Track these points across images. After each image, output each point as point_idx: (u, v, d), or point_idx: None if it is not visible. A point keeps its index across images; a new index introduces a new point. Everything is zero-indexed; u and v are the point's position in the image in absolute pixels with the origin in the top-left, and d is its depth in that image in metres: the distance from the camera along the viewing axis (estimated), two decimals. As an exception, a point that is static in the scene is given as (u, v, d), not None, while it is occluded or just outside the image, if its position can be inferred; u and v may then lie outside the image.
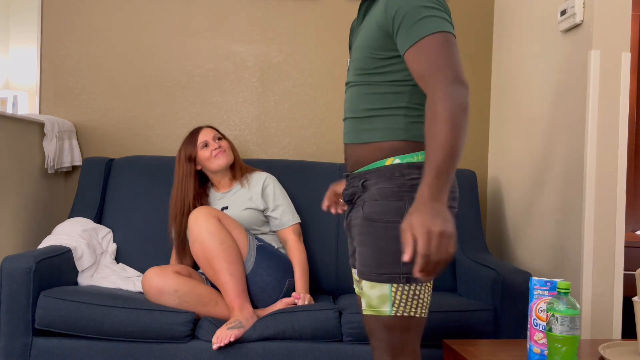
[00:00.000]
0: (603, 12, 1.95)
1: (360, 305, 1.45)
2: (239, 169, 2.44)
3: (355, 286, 1.60)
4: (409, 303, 1.36)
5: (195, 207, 2.29)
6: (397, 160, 1.37)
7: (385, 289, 1.35)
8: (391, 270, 1.35)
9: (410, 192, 1.33)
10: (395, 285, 1.35)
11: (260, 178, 2.41)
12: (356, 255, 1.44)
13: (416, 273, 1.17)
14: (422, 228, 1.15)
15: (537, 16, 2.41)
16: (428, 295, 1.40)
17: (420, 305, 1.38)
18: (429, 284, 1.39)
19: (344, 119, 1.50)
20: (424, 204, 1.18)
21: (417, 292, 1.36)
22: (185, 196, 2.34)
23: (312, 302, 2.17)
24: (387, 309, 1.36)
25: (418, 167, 1.35)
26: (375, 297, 1.37)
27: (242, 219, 2.29)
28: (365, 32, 1.42)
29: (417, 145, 1.38)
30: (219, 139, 2.41)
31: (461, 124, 1.22)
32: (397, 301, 1.35)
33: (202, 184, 2.44)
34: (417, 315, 1.38)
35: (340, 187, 1.67)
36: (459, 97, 1.24)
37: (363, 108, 1.42)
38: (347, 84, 1.50)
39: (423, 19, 1.27)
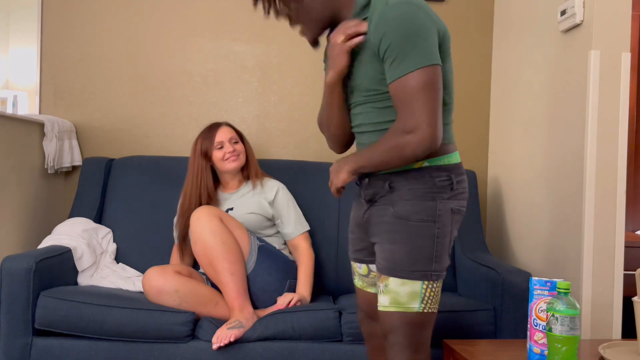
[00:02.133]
0: (603, 12, 1.95)
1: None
2: (252, 172, 2.42)
3: (358, 280, 1.65)
4: (433, 300, 1.45)
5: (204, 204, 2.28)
6: (426, 164, 1.44)
7: (417, 286, 1.42)
8: (425, 267, 1.42)
9: (440, 193, 1.44)
10: (426, 282, 1.42)
11: (272, 187, 2.40)
12: (379, 251, 1.47)
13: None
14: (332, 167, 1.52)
15: (537, 16, 2.41)
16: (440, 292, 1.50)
17: (439, 301, 1.47)
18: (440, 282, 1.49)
19: (361, 132, 1.54)
20: (343, 159, 1.49)
21: (439, 290, 1.46)
22: (202, 192, 2.32)
23: (306, 303, 2.15)
24: (416, 306, 1.42)
25: (445, 169, 1.45)
26: (405, 293, 1.42)
27: (246, 222, 2.28)
28: (364, 63, 1.45)
29: (443, 148, 1.45)
30: (235, 142, 2.40)
31: (397, 160, 1.40)
32: (426, 298, 1.43)
33: (214, 181, 2.41)
34: (435, 312, 1.47)
35: None
36: (412, 146, 1.37)
37: (383, 120, 1.46)
38: (351, 103, 1.54)
39: (407, 53, 1.35)
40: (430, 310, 1.44)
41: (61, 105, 2.84)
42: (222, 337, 1.94)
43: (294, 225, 2.35)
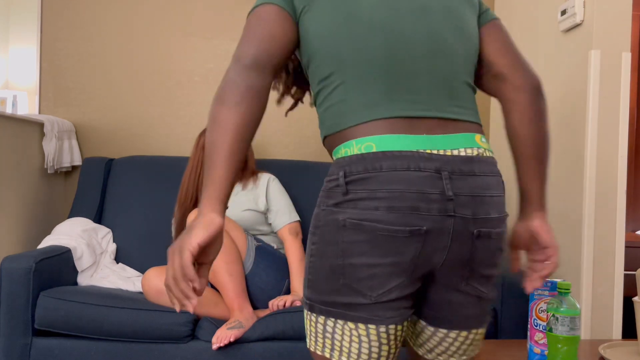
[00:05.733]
0: (603, 12, 1.95)
1: None
2: (249, 172, 2.42)
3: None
4: (317, 338, 1.10)
5: (196, 202, 2.29)
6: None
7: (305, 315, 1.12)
8: (304, 293, 1.11)
9: (325, 198, 1.07)
10: (305, 312, 1.10)
11: (264, 180, 2.41)
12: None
13: None
14: None
15: (537, 16, 2.41)
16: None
17: (335, 345, 1.07)
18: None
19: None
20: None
21: (324, 327, 1.07)
22: (199, 186, 2.33)
23: (298, 303, 2.14)
24: (307, 340, 1.12)
25: (338, 164, 1.05)
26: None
27: (242, 219, 2.29)
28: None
29: (342, 134, 1.08)
30: None
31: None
32: (308, 333, 1.12)
33: None
34: (327, 357, 1.09)
35: (533, 226, 1.16)
36: None
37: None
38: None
39: None
40: (318, 352, 1.07)
41: (61, 105, 2.84)
42: (222, 337, 1.94)
43: (280, 216, 2.35)
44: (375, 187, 0.98)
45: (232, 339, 1.93)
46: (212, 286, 2.19)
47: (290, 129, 2.91)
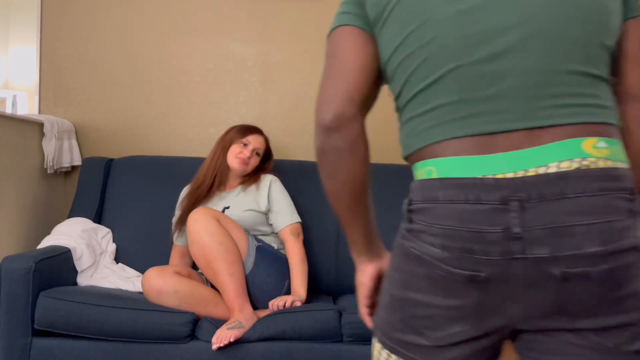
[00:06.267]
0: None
1: None
2: (253, 177, 2.43)
3: None
4: None
5: (211, 188, 2.36)
6: None
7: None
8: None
9: (402, 221, 0.96)
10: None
11: (266, 181, 2.41)
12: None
13: None
14: None
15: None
16: None
17: None
18: None
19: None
20: None
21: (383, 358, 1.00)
22: (217, 173, 2.39)
23: (299, 303, 2.13)
24: None
25: (412, 188, 0.94)
26: None
27: (243, 220, 2.29)
28: None
29: (418, 153, 0.94)
30: (257, 154, 2.43)
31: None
32: None
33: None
34: None
35: None
36: None
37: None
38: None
39: None
40: None
41: (61, 105, 2.84)
42: (222, 337, 1.93)
43: (282, 217, 2.35)
44: (431, 221, 0.83)
45: (232, 339, 1.93)
46: (213, 286, 2.19)
47: (290, 129, 2.91)
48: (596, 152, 0.80)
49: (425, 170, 0.86)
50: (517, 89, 0.82)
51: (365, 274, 1.05)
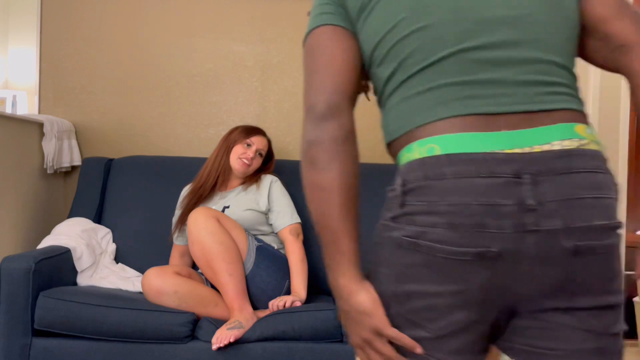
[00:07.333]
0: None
1: None
2: (254, 178, 2.44)
3: None
4: None
5: (213, 188, 2.37)
6: None
7: None
8: None
9: (385, 211, 0.94)
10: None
11: (266, 181, 2.42)
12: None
13: None
14: None
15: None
16: None
17: None
18: None
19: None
20: None
21: None
22: (219, 172, 2.39)
23: (299, 304, 2.13)
24: None
25: (399, 173, 0.93)
26: None
27: (243, 219, 2.29)
28: None
29: (404, 138, 0.95)
30: (260, 155, 2.44)
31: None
32: None
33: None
34: None
35: None
36: None
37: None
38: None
39: None
40: None
41: (60, 105, 2.84)
42: (221, 337, 1.93)
43: (282, 217, 2.36)
44: (434, 199, 0.81)
45: (232, 339, 1.93)
46: (212, 286, 2.19)
47: (290, 129, 2.91)
48: (588, 136, 0.86)
49: (425, 148, 0.84)
50: (515, 76, 0.85)
51: (367, 297, 0.88)
